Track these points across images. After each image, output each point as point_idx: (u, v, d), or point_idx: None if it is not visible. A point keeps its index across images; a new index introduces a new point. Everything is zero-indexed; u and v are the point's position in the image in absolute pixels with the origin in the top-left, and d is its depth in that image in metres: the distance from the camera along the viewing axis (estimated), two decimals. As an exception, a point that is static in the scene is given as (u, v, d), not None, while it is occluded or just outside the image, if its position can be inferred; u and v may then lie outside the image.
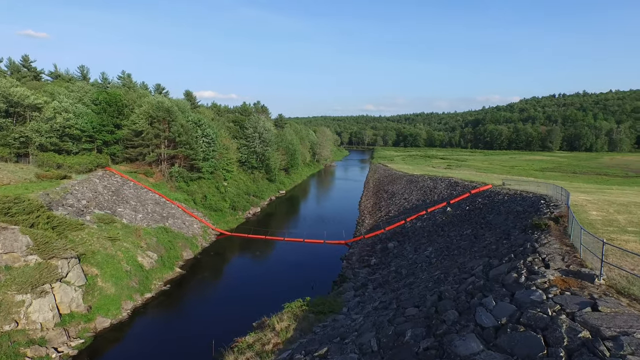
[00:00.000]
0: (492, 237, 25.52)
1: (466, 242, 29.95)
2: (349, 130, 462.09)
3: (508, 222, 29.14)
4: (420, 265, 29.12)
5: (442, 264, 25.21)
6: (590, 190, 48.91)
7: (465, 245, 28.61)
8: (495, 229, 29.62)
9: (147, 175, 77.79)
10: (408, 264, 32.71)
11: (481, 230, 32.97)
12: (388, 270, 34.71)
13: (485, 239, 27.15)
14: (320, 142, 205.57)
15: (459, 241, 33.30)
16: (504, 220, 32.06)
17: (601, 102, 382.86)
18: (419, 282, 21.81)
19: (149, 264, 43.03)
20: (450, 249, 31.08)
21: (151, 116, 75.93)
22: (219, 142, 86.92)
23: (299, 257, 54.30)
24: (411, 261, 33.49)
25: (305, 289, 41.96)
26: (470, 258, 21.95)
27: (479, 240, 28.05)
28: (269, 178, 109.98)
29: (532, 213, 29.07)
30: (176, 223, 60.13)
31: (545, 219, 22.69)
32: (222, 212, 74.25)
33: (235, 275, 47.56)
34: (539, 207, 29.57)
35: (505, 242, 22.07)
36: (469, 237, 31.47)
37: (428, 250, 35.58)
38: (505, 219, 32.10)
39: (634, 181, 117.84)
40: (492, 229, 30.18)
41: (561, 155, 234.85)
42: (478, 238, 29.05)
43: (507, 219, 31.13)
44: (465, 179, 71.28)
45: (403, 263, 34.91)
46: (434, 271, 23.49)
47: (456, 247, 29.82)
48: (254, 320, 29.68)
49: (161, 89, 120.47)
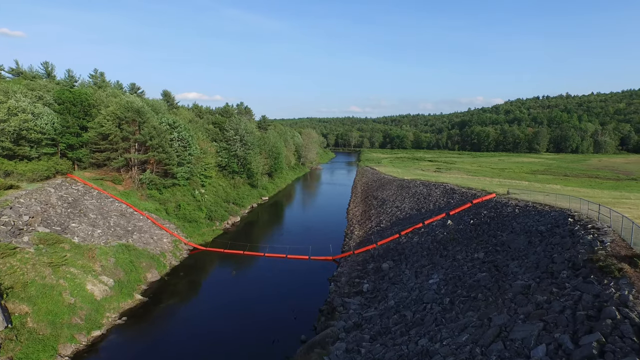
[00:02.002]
0: (526, 275, 19.75)
1: (484, 273, 24.14)
2: (335, 132, 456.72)
3: (537, 250, 23.42)
4: (429, 307, 23.20)
5: (463, 313, 19.32)
6: (607, 199, 43.84)
7: (485, 280, 22.79)
8: (520, 257, 23.89)
9: (115, 183, 70.77)
10: (411, 300, 26.81)
11: (498, 255, 27.24)
12: (386, 304, 28.75)
13: (513, 274, 21.36)
14: (305, 144, 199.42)
15: (471, 269, 27.53)
16: (526, 243, 26.38)
17: (584, 104, 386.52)
18: (439, 350, 15.86)
19: (102, 292, 36.28)
20: (463, 281, 25.27)
21: (119, 117, 68.91)
22: (195, 146, 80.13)
23: (281, 277, 48.04)
24: (415, 295, 27.57)
25: (287, 321, 35.90)
26: (507, 313, 16.14)
27: (504, 275, 22.26)
28: (250, 183, 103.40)
29: (565, 237, 23.43)
30: (142, 238, 53.27)
31: (602, 253, 17.04)
32: (198, 223, 67.51)
33: (206, 302, 41.01)
34: (572, 230, 23.94)
35: (555, 288, 16.32)
36: (487, 267, 25.68)
37: (433, 279, 29.73)
38: (528, 242, 26.42)
39: (627, 184, 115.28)
40: (516, 256, 24.42)
41: (549, 157, 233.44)
42: (501, 270, 23.29)
43: (533, 244, 25.45)
44: (462, 185, 66.02)
45: (404, 295, 28.97)
46: (454, 328, 17.63)
47: (472, 281, 23.97)
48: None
49: (136, 88, 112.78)
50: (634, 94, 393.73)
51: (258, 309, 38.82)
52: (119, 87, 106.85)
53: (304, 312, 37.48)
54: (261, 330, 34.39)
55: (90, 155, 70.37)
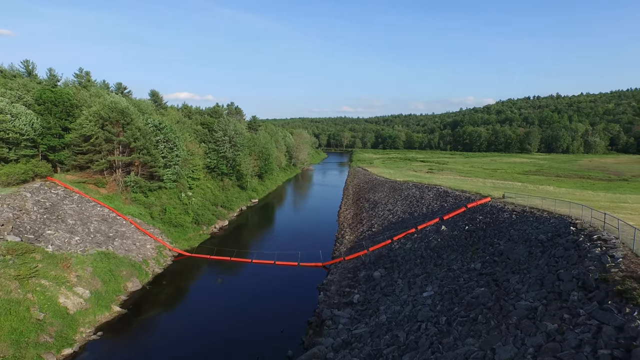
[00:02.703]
0: (531, 294, 17.97)
1: (483, 289, 22.39)
2: (327, 132, 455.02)
3: (539, 263, 21.70)
4: (424, 327, 21.36)
5: (461, 339, 17.42)
6: (604, 203, 42.49)
7: (485, 297, 20.99)
8: (521, 271, 22.17)
9: (99, 186, 68.27)
10: (404, 316, 25.00)
11: (496, 267, 25.56)
12: (377, 319, 26.93)
13: (515, 291, 19.58)
14: (297, 144, 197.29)
15: (468, 281, 25.82)
16: (526, 254, 24.70)
17: (574, 104, 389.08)
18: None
19: (76, 305, 34.03)
20: (460, 296, 23.50)
21: (102, 118, 66.38)
22: (182, 147, 77.80)
23: (269, 285, 46.03)
24: (408, 310, 25.76)
25: (274, 334, 33.95)
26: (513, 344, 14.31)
27: (504, 291, 20.47)
28: (240, 185, 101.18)
29: (569, 249, 21.76)
30: (124, 244, 50.94)
31: (616, 272, 15.33)
32: (184, 227, 65.21)
33: (189, 313, 38.84)
34: (576, 240, 22.25)
35: (566, 314, 14.49)
36: (485, 280, 23.95)
37: (428, 291, 27.99)
38: (529, 252, 24.75)
39: (619, 185, 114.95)
40: (517, 270, 22.68)
41: (540, 157, 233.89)
42: (501, 286, 21.54)
43: (533, 255, 23.76)
44: (456, 188, 64.46)
45: (396, 309, 27.17)
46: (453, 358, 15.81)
47: (470, 297, 22.19)
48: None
49: (122, 88, 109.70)
50: (622, 94, 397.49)
51: (243, 321, 36.86)
52: (105, 86, 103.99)
53: (292, 323, 35.58)
54: (246, 345, 32.42)
55: (72, 157, 67.83)
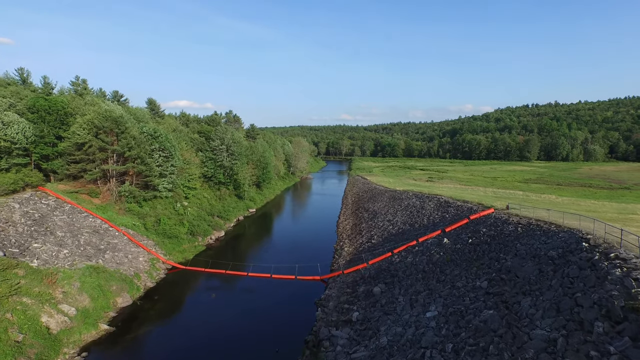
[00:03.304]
0: (547, 322, 16.41)
1: (492, 311, 20.82)
2: (326, 140, 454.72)
3: (552, 284, 20.14)
4: (428, 356, 19.71)
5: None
6: (612, 215, 41.01)
7: (494, 322, 19.38)
8: (533, 292, 20.60)
9: (92, 196, 66.74)
10: (406, 340, 23.37)
11: (504, 286, 23.97)
12: (377, 342, 25.26)
13: (528, 317, 18.02)
14: (295, 153, 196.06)
15: (474, 302, 24.25)
16: (536, 272, 23.15)
17: (573, 112, 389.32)
18: None
19: (60, 323, 32.31)
20: (467, 319, 21.89)
21: (97, 126, 65.06)
22: (177, 156, 76.35)
23: (265, 300, 44.32)
24: (410, 333, 24.13)
25: (269, 353, 32.23)
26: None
27: (516, 315, 18.91)
28: (237, 194, 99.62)
29: (584, 268, 20.23)
30: (116, 257, 49.26)
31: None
32: (178, 238, 63.52)
33: (180, 331, 37.04)
34: (591, 259, 20.71)
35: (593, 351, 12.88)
36: (493, 302, 22.37)
37: (431, 311, 26.37)
38: (539, 270, 23.20)
39: (621, 193, 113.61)
40: (528, 291, 21.11)
41: (540, 165, 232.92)
42: (511, 309, 19.99)
43: (545, 274, 22.22)
44: (457, 198, 62.95)
45: (398, 331, 25.54)
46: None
47: (478, 321, 20.58)
48: None
49: (119, 96, 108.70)
50: (620, 102, 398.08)
51: (237, 339, 35.16)
52: (102, 94, 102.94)
53: (288, 342, 33.87)
54: None
55: (65, 166, 66.35)
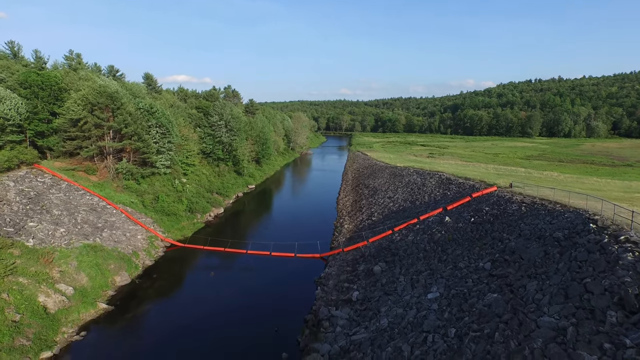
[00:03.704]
0: (555, 308, 15.76)
1: (496, 295, 20.30)
2: (326, 115, 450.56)
3: (559, 267, 19.54)
4: (430, 340, 19.22)
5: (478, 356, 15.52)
6: (617, 194, 40.27)
7: (499, 306, 18.83)
8: (538, 275, 20.03)
9: (89, 173, 65.91)
10: (408, 322, 23.00)
11: (508, 268, 23.43)
12: (378, 323, 24.95)
13: (535, 302, 17.41)
14: (295, 128, 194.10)
15: (477, 284, 23.77)
16: (542, 255, 22.56)
17: (577, 87, 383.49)
18: None
19: (58, 303, 32.05)
20: (470, 303, 21.41)
21: (91, 102, 63.58)
22: (175, 132, 75.06)
23: (264, 278, 44.14)
24: (411, 315, 23.74)
25: (268, 333, 32.07)
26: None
27: (522, 300, 18.31)
28: (236, 171, 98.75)
29: (593, 251, 19.57)
30: (114, 235, 48.84)
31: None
32: (177, 216, 63.04)
33: (179, 309, 36.92)
34: (599, 241, 20.04)
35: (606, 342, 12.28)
36: (497, 284, 21.84)
37: (433, 292, 25.95)
38: (544, 253, 22.61)
39: (624, 170, 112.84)
40: (533, 274, 20.51)
41: (542, 142, 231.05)
42: (516, 293, 19.41)
43: (551, 256, 21.61)
44: (459, 175, 62.15)
45: (399, 312, 25.19)
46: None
47: (481, 305, 20.06)
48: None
49: (115, 71, 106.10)
50: (625, 77, 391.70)
51: (236, 318, 35.03)
52: (97, 69, 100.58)
53: (287, 321, 33.74)
54: (238, 345, 30.60)
55: (61, 143, 65.21)
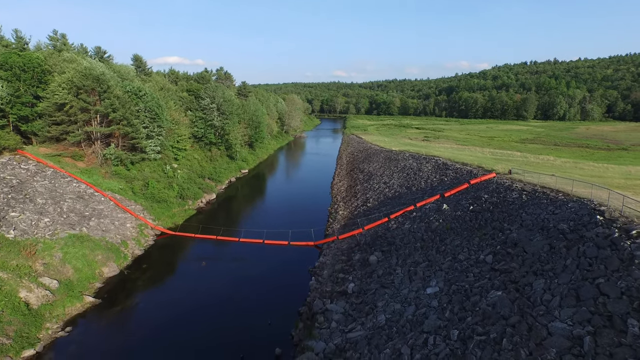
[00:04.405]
0: (567, 312, 14.68)
1: (500, 293, 19.21)
2: (320, 98, 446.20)
3: (567, 264, 18.48)
4: (431, 343, 18.11)
5: None
6: (619, 180, 39.36)
7: (504, 306, 17.71)
8: (545, 272, 18.96)
9: (76, 159, 63.97)
10: (406, 320, 21.96)
11: (512, 262, 22.36)
12: (375, 320, 23.96)
13: (544, 303, 16.35)
14: (289, 111, 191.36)
15: (479, 279, 22.74)
16: (547, 249, 21.49)
17: (572, 70, 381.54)
18: None
19: (41, 298, 30.76)
20: (473, 301, 20.35)
21: (76, 85, 61.17)
22: (164, 117, 72.83)
23: (257, 267, 43.05)
24: (410, 312, 22.71)
25: (261, 327, 31.09)
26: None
27: (529, 300, 17.25)
28: (229, 155, 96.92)
29: (603, 247, 18.49)
30: (101, 224, 47.34)
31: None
32: (168, 202, 61.53)
33: (169, 301, 35.77)
34: (609, 236, 18.96)
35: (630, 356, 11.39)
36: (500, 280, 20.78)
37: (432, 286, 24.96)
38: (550, 247, 21.53)
39: (619, 154, 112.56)
40: (539, 270, 19.45)
41: (537, 125, 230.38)
42: (522, 292, 18.31)
43: (557, 250, 20.53)
44: (455, 160, 60.98)
45: (397, 308, 24.19)
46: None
47: (485, 304, 18.96)
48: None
49: (102, 52, 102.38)
50: (621, 59, 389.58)
51: (228, 310, 34.00)
52: (83, 51, 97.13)
53: (281, 313, 32.78)
54: (231, 338, 29.67)
55: (46, 128, 62.94)
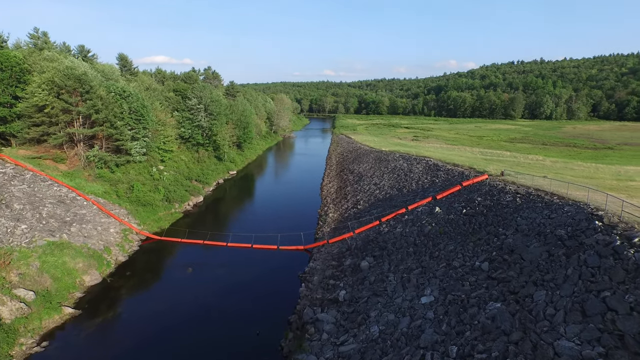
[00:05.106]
0: (572, 329, 13.73)
1: (499, 305, 18.18)
2: (309, 97, 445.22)
3: (568, 273, 17.66)
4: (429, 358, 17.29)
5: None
6: (610, 182, 39.05)
7: (505, 321, 16.77)
8: (546, 282, 18.13)
9: (57, 161, 61.99)
10: (401, 333, 20.95)
11: (509, 270, 21.54)
12: (368, 332, 22.91)
13: (547, 318, 15.46)
14: (278, 110, 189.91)
15: (476, 288, 21.86)
16: (545, 256, 20.71)
17: (558, 69, 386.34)
18: None
19: (15, 311, 29.14)
20: (471, 313, 19.43)
21: (57, 85, 59.22)
22: (150, 118, 70.97)
23: (245, 274, 41.79)
24: (405, 324, 21.73)
25: (249, 337, 29.90)
26: None
27: (530, 314, 16.36)
28: (217, 156, 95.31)
29: (606, 256, 17.74)
30: (84, 230, 45.59)
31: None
32: (153, 206, 59.84)
33: (153, 311, 34.35)
34: (609, 243, 18.26)
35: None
36: (499, 290, 19.90)
37: (426, 295, 24.04)
38: (548, 254, 20.76)
39: (605, 153, 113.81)
40: (540, 280, 18.65)
41: (524, 124, 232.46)
42: (523, 304, 17.37)
43: (556, 258, 19.76)
44: (446, 161, 60.43)
45: (390, 319, 23.21)
46: None
47: (484, 317, 18.00)
48: None
49: (86, 51, 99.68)
50: (605, 60, 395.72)
51: (214, 319, 32.69)
52: (66, 49, 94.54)
53: (269, 322, 31.62)
54: (217, 351, 28.45)
55: (26, 130, 60.83)
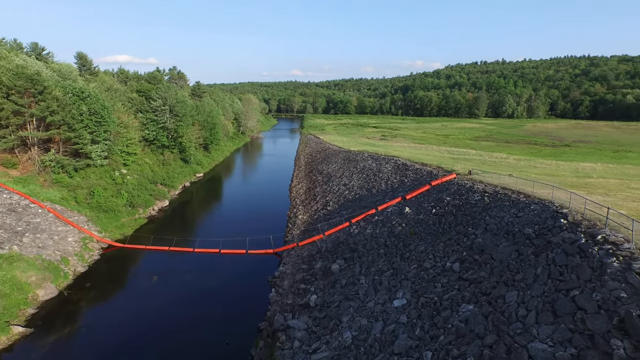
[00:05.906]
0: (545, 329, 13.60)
1: (471, 306, 18.01)
2: (277, 97, 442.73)
3: (537, 273, 17.69)
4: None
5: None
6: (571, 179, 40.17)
7: (478, 323, 16.52)
8: (517, 282, 18.10)
9: (8, 167, 58.47)
10: (374, 340, 20.45)
11: (480, 271, 21.51)
12: (340, 338, 22.32)
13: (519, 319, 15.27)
14: (245, 111, 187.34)
15: (448, 289, 21.69)
16: (515, 255, 20.78)
17: (519, 70, 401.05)
18: None
19: (-41, 331, 26.85)
20: (444, 316, 19.12)
21: (6, 86, 55.82)
22: (111, 119, 67.91)
23: (213, 280, 40.45)
24: (378, 329, 21.24)
25: (218, 345, 28.78)
26: None
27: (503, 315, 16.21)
28: (183, 158, 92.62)
29: (572, 254, 17.89)
30: (38, 240, 42.86)
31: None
32: (116, 212, 57.19)
33: (115, 324, 32.46)
34: (575, 241, 18.46)
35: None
36: (471, 291, 19.77)
37: (399, 298, 23.72)
38: (517, 253, 20.84)
39: (563, 150, 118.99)
40: (510, 280, 18.60)
41: (488, 123, 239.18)
42: (496, 306, 17.16)
43: (525, 257, 19.84)
44: (415, 160, 60.88)
45: (363, 324, 22.70)
46: None
47: (457, 320, 17.72)
48: None
49: (40, 49, 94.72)
50: (560, 61, 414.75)
51: (181, 330, 31.19)
52: (18, 47, 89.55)
53: (239, 330, 30.56)
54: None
55: (-28, 133, 57.04)
